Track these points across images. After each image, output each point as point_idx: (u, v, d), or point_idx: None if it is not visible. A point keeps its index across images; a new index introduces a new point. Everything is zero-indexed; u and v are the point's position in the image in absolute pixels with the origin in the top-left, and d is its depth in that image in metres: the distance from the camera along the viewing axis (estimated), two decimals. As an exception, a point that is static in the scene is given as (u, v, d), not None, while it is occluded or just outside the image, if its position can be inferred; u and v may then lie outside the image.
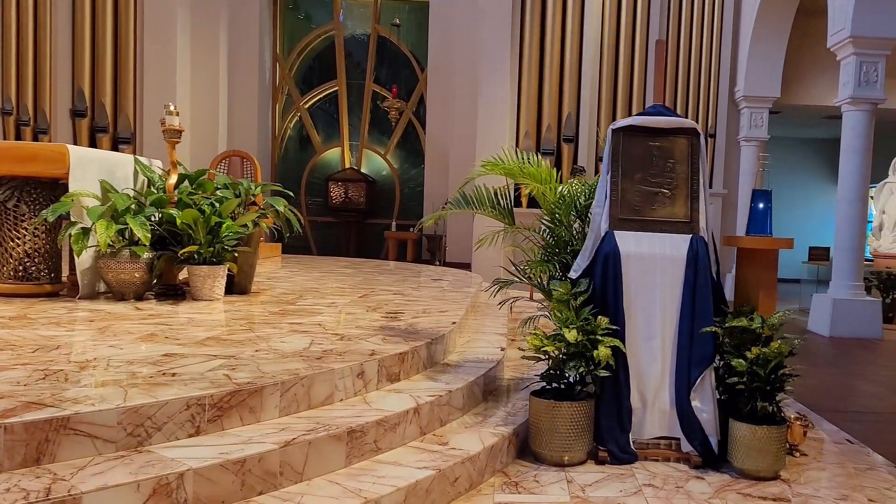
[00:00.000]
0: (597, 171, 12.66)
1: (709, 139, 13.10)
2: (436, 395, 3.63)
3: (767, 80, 12.87)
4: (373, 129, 16.10)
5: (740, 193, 13.26)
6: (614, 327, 3.75)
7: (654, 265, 3.90)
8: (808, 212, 18.87)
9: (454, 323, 4.93)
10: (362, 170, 15.97)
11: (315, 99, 16.26)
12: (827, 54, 10.92)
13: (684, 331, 3.82)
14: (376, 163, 16.17)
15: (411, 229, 15.29)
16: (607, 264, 3.91)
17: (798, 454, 3.87)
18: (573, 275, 4.05)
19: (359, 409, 3.30)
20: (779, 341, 3.54)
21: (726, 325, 3.69)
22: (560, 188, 4.09)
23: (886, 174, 12.43)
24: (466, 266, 12.95)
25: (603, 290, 3.91)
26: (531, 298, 6.20)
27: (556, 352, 3.64)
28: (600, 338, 3.64)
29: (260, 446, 2.73)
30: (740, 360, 3.53)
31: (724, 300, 3.96)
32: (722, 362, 3.78)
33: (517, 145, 12.82)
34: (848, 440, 4.37)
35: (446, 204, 4.52)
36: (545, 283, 4.14)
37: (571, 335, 3.58)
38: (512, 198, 4.62)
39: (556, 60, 13.00)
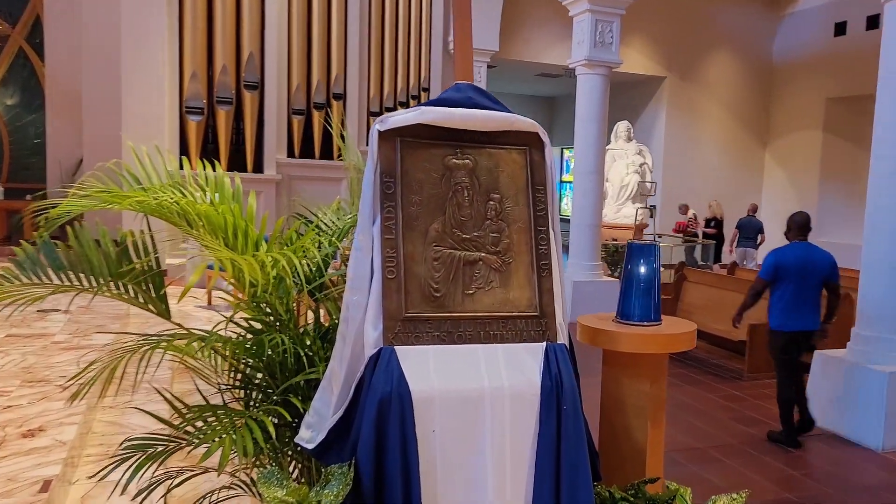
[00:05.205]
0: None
1: (423, 92, 11.72)
2: None
3: (485, 32, 11.90)
4: (-39, 57, 11.97)
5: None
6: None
7: (478, 414, 2.03)
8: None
9: (47, 485, 2.57)
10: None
11: None
12: (543, 10, 10.19)
13: (542, 547, 2.02)
14: (-31, 104, 12.12)
15: (27, 197, 11.66)
16: (385, 419, 1.94)
17: None
18: (307, 443, 2.02)
19: None
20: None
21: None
22: (270, 258, 1.93)
23: (608, 140, 12.34)
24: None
25: (378, 477, 1.94)
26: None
27: None
28: None
29: None
30: None
31: (598, 462, 2.25)
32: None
33: (182, 92, 10.07)
34: None
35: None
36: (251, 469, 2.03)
37: None
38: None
39: (230, -21, 10.42)
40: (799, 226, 5.52)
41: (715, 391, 6.98)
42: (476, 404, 2.03)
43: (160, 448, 2.07)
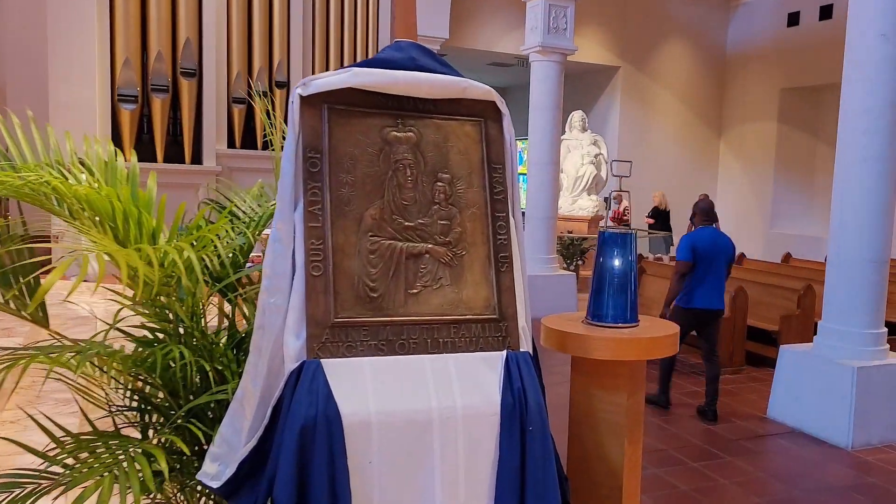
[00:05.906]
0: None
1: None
2: None
3: (435, 18, 11.53)
4: None
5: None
6: None
7: (426, 441, 1.69)
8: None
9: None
10: None
11: None
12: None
13: None
14: None
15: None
16: (308, 450, 1.60)
17: None
18: (212, 480, 1.66)
19: None
20: None
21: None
22: (168, 252, 1.56)
23: (563, 131, 12.11)
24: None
25: (301, 522, 1.59)
26: None
27: None
28: None
29: None
30: None
31: (567, 489, 1.93)
32: None
33: (113, 80, 9.51)
34: None
35: None
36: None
37: None
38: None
39: (164, -40, 9.85)
40: (704, 211, 5.90)
41: (675, 387, 6.77)
42: (423, 429, 1.68)
43: (29, 488, 1.68)
